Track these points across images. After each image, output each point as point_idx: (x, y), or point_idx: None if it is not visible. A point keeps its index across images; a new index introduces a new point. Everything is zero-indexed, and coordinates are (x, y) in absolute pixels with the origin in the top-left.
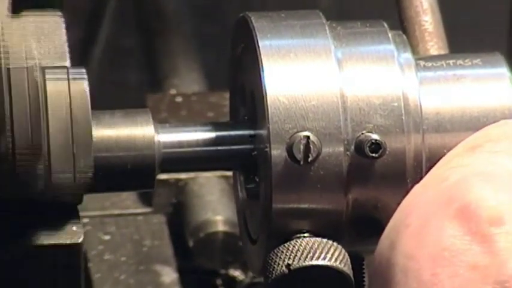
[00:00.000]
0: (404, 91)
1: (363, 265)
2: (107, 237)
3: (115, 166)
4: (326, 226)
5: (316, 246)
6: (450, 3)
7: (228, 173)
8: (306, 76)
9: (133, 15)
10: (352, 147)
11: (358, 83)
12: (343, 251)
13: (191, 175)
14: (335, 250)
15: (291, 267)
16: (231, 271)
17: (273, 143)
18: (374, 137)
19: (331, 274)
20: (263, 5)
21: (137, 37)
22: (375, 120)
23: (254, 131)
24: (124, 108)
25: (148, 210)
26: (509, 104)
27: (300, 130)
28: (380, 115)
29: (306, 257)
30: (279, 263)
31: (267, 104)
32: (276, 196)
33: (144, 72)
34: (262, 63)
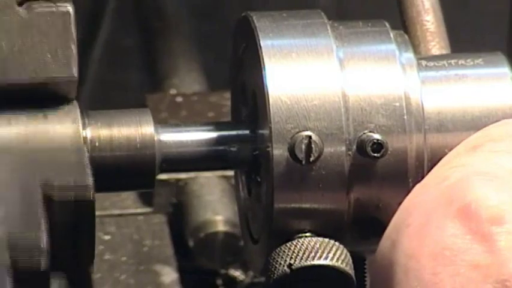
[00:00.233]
0: (406, 91)
1: (365, 265)
2: (107, 237)
3: (115, 166)
4: (328, 226)
5: (318, 246)
6: (450, 3)
7: (228, 173)
8: (308, 76)
9: (133, 15)
10: (354, 147)
11: (360, 83)
12: (345, 251)
13: (191, 175)
14: (337, 250)
15: (293, 266)
16: (231, 271)
17: (275, 143)
18: (376, 137)
19: (333, 274)
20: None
21: (137, 37)
22: (377, 120)
23: (256, 131)
24: (124, 108)
25: (148, 210)
26: (510, 104)
27: (302, 130)
28: (382, 115)
29: (308, 257)
30: (281, 263)
31: (269, 104)
32: (278, 196)
33: (144, 72)
34: (264, 62)
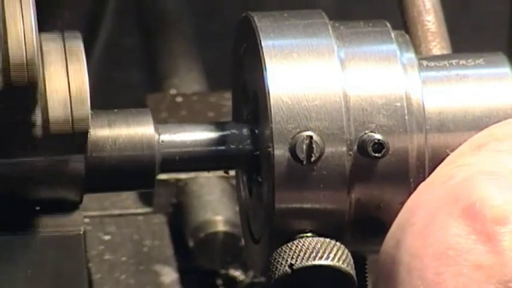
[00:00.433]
0: (407, 91)
1: (366, 265)
2: (107, 237)
3: (115, 166)
4: (329, 226)
5: (319, 246)
6: (451, 3)
7: (229, 173)
8: (309, 76)
9: (133, 14)
10: (355, 147)
11: (361, 83)
12: (346, 251)
13: (191, 175)
14: (338, 250)
15: (294, 267)
16: (231, 271)
17: (276, 143)
18: (377, 137)
19: (334, 274)
20: (264, 5)
21: (137, 37)
22: (378, 120)
23: (257, 131)
24: (124, 108)
25: (148, 210)
26: (511, 104)
27: (303, 130)
28: (383, 115)
29: (309, 257)
30: (282, 263)
31: (270, 104)
32: (279, 196)
33: (144, 72)
34: (265, 62)
